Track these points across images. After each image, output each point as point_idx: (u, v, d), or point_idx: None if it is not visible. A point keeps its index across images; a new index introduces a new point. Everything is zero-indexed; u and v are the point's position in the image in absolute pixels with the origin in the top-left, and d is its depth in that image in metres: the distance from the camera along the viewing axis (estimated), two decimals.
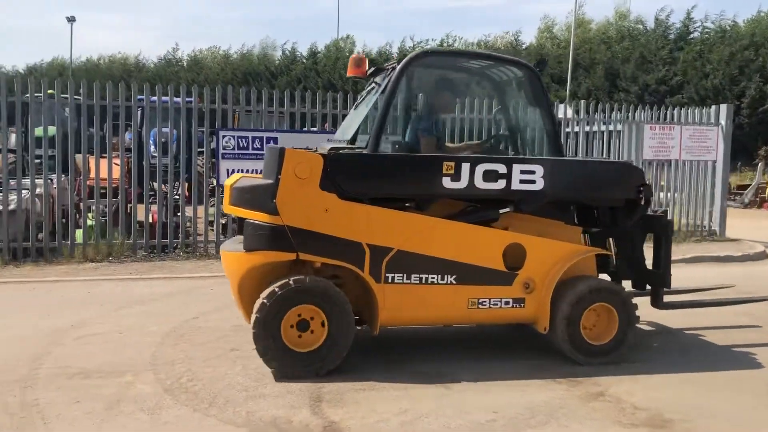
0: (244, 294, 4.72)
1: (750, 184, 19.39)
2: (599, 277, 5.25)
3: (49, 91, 8.91)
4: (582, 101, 12.35)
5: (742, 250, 10.43)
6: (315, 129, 9.78)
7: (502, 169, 4.84)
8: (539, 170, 4.88)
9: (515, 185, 4.84)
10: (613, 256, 5.51)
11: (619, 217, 5.26)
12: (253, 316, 4.47)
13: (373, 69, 5.31)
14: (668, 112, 11.57)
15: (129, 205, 9.03)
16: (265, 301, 4.46)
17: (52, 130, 9.02)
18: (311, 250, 4.59)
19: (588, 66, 35.37)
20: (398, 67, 4.88)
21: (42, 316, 6.03)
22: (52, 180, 8.85)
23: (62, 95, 9.29)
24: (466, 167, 4.77)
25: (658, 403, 4.21)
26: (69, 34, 64.12)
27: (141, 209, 9.14)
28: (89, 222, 8.77)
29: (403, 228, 4.72)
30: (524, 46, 41.48)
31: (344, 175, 4.66)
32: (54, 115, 9.27)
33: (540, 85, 5.20)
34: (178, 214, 9.20)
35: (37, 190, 8.56)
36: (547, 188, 4.89)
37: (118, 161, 9.06)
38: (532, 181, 4.88)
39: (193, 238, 9.28)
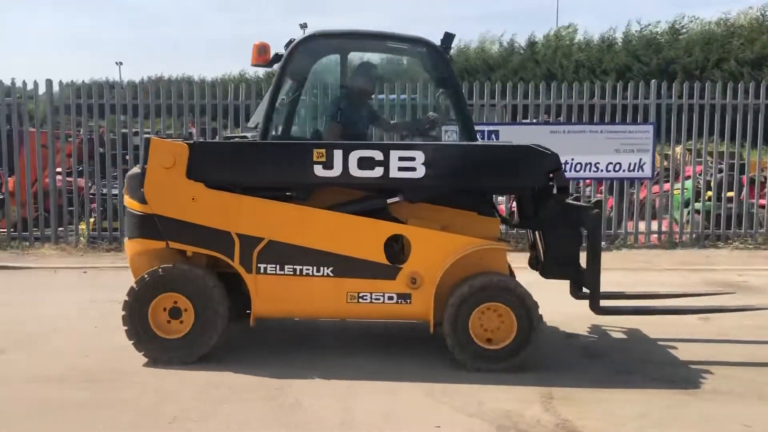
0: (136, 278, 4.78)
1: None
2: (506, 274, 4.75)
3: None
4: None
5: None
6: (536, 120, 9.63)
7: (378, 156, 4.53)
8: (420, 156, 4.52)
9: (393, 173, 4.52)
10: (540, 253, 4.92)
11: (535, 207, 4.76)
12: (124, 299, 4.58)
13: (275, 55, 5.00)
14: None
15: None
16: (134, 286, 4.58)
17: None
18: (180, 239, 4.62)
19: None
20: (285, 53, 4.74)
21: None
22: None
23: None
24: (338, 154, 4.52)
25: None
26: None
27: None
28: None
29: (274, 218, 4.60)
30: None
31: (210, 163, 4.64)
32: None
33: (444, 64, 4.83)
34: None
35: None
36: (429, 176, 4.52)
37: None
38: (413, 169, 4.52)
39: None
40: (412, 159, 4.54)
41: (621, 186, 9.58)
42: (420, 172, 4.54)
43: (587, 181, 9.63)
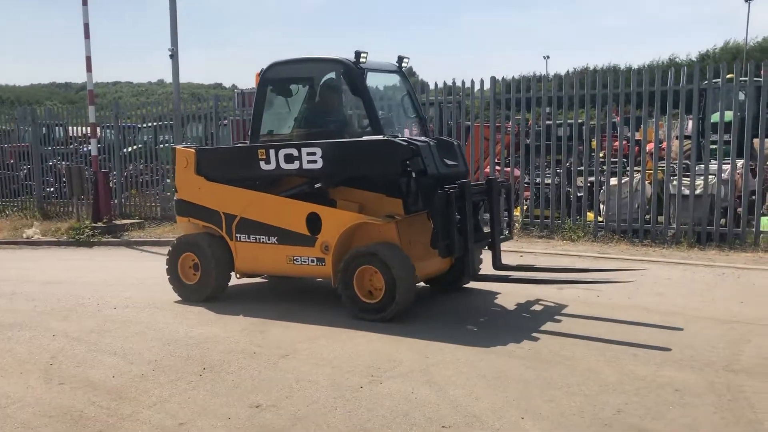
0: None
1: None
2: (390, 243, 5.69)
3: (728, 76, 8.73)
4: None
5: None
6: None
7: (295, 152, 5.89)
8: (318, 152, 5.79)
9: (305, 165, 5.86)
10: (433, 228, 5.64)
11: (407, 190, 5.70)
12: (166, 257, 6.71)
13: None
14: None
15: None
16: (169, 248, 6.72)
17: (728, 115, 8.82)
18: (195, 216, 6.66)
19: None
20: (259, 79, 6.24)
21: (742, 303, 5.98)
22: (735, 165, 8.66)
23: (741, 79, 8.97)
24: (272, 153, 5.99)
25: None
26: (745, 15, 62.03)
27: None
28: None
29: (241, 201, 6.32)
30: None
31: (205, 163, 6.54)
32: (731, 99, 9.04)
33: (354, 77, 5.82)
34: None
35: (723, 175, 8.50)
36: (325, 167, 5.79)
37: None
38: (315, 161, 5.81)
39: None
40: (315, 154, 5.82)
41: None
42: (320, 164, 5.82)
43: None
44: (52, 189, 14.22)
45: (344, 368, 4.54)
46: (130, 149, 13.57)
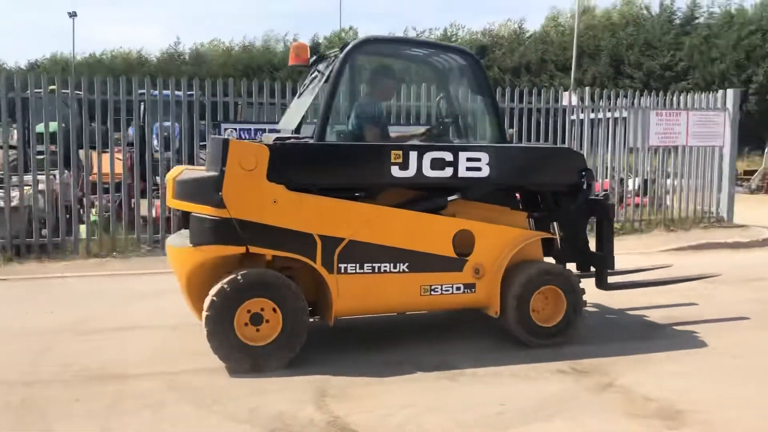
0: (192, 291, 4.69)
1: (757, 170, 19.19)
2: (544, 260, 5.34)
3: (50, 88, 8.83)
4: (587, 88, 12.20)
5: (750, 236, 10.31)
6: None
7: (449, 157, 4.87)
8: (485, 157, 4.94)
9: (462, 173, 4.90)
10: (558, 240, 5.49)
11: (564, 201, 5.33)
12: (204, 314, 4.39)
13: (315, 57, 5.33)
14: (674, 98, 11.39)
15: (132, 200, 8.97)
16: (214, 298, 4.39)
17: (53, 125, 8.94)
18: (261, 243, 4.52)
19: (593, 53, 35.24)
20: (341, 56, 4.85)
21: (53, 313, 5.98)
22: (54, 176, 8.77)
23: (63, 91, 9.20)
24: (413, 156, 4.78)
25: (668, 394, 4.14)
26: (71, 29, 63.80)
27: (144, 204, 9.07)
28: (92, 218, 8.71)
29: (353, 218, 4.70)
30: (528, 34, 41.29)
31: (291, 165, 4.60)
32: (55, 110, 9.19)
33: (481, 73, 5.26)
34: None
35: (40, 186, 8.49)
36: (492, 175, 4.97)
37: (120, 156, 8.98)
38: (478, 168, 4.94)
39: None
40: (479, 160, 4.90)
41: None
42: (485, 171, 4.92)
43: None
44: None
45: None
46: None
